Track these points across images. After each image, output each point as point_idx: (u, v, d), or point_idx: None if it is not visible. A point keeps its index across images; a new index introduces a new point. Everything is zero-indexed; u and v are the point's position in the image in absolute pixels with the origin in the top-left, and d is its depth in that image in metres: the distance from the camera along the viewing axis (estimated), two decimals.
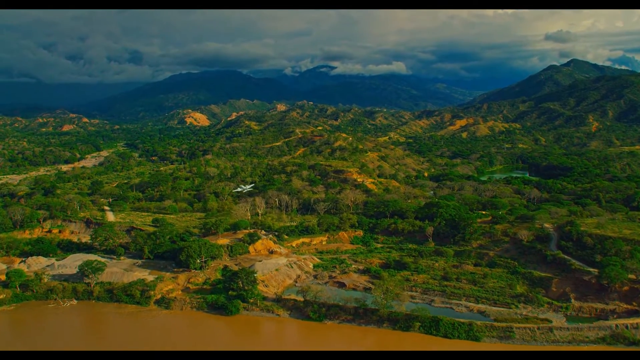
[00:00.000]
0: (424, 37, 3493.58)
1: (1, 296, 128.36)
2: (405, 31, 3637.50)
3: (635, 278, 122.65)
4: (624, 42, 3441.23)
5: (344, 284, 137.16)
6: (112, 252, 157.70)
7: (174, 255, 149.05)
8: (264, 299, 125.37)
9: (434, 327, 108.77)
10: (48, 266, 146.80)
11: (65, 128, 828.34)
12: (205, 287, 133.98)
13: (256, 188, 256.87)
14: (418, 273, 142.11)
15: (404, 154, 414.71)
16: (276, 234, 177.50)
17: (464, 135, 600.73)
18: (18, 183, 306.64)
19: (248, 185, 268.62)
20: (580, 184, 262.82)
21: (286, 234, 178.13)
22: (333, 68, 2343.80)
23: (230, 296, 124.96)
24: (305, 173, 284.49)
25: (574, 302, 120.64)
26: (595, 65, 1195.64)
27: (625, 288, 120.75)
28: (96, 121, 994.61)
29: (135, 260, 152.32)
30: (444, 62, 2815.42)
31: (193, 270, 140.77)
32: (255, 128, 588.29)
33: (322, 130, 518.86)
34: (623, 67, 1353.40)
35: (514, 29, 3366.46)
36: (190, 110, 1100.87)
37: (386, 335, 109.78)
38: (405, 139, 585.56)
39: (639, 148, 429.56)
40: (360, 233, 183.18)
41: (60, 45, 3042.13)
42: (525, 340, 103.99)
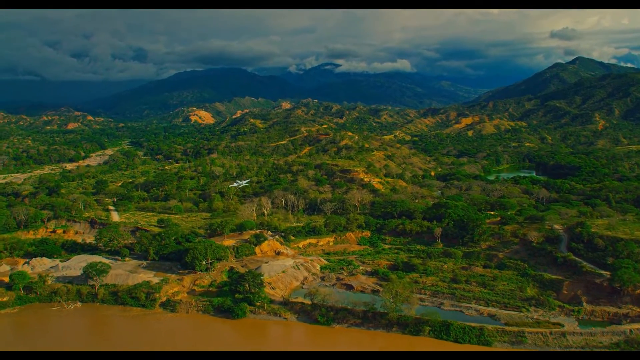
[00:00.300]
0: (429, 35, 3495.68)
1: (4, 299, 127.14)
2: (410, 29, 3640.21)
3: None
4: (629, 40, 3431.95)
5: (351, 287, 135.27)
6: (117, 253, 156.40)
7: (180, 257, 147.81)
8: (271, 302, 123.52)
9: (444, 332, 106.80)
10: (52, 268, 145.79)
11: (70, 126, 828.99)
12: (211, 290, 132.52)
13: (251, 183, 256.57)
14: (427, 275, 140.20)
15: (410, 152, 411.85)
16: (282, 234, 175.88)
17: (470, 133, 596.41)
18: (22, 182, 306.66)
19: (244, 181, 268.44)
20: (589, 184, 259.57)
21: (293, 235, 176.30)
22: (338, 66, 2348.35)
23: (237, 299, 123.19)
24: (311, 172, 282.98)
25: (586, 306, 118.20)
26: (601, 63, 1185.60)
27: (638, 291, 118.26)
28: (101, 119, 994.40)
29: (140, 262, 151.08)
30: (449, 60, 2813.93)
31: (199, 272, 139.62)
32: (260, 126, 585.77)
33: (328, 129, 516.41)
34: (629, 65, 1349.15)
35: (519, 27, 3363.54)
36: (195, 108, 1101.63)
37: (395, 339, 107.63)
38: (410, 137, 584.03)
39: None
40: (367, 234, 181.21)
41: (65, 42, 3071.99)
42: (538, 346, 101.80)
